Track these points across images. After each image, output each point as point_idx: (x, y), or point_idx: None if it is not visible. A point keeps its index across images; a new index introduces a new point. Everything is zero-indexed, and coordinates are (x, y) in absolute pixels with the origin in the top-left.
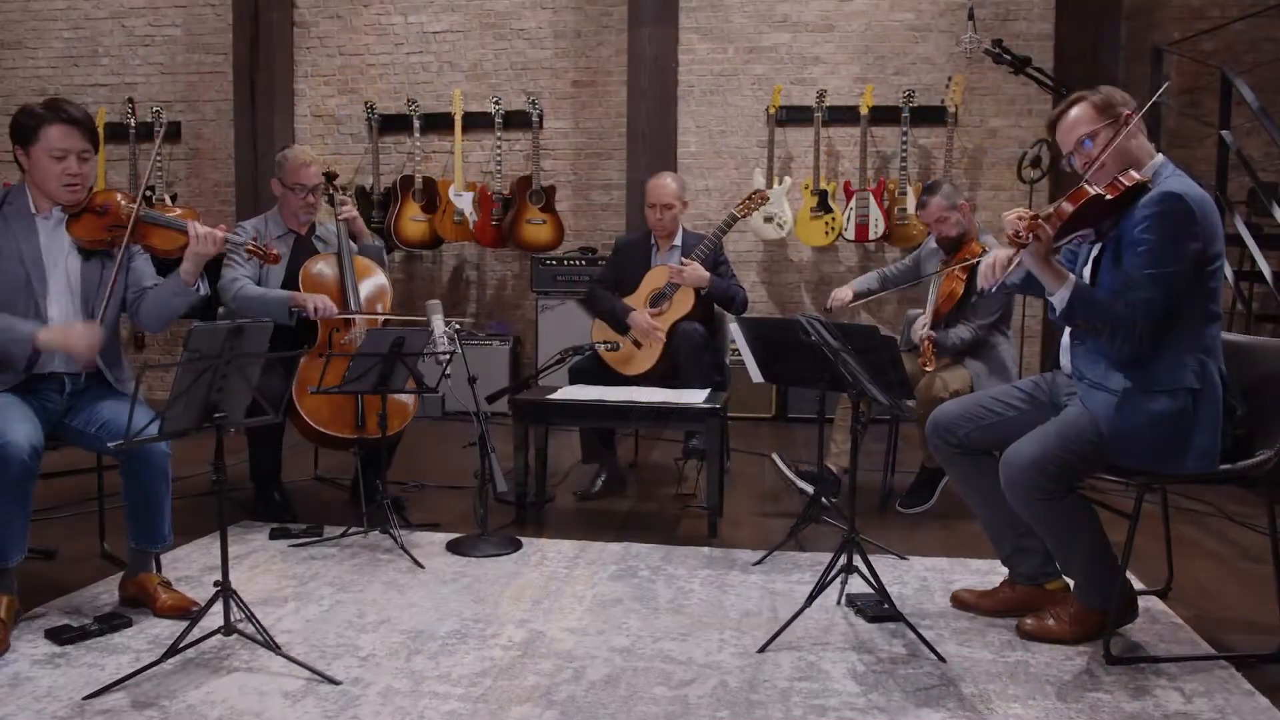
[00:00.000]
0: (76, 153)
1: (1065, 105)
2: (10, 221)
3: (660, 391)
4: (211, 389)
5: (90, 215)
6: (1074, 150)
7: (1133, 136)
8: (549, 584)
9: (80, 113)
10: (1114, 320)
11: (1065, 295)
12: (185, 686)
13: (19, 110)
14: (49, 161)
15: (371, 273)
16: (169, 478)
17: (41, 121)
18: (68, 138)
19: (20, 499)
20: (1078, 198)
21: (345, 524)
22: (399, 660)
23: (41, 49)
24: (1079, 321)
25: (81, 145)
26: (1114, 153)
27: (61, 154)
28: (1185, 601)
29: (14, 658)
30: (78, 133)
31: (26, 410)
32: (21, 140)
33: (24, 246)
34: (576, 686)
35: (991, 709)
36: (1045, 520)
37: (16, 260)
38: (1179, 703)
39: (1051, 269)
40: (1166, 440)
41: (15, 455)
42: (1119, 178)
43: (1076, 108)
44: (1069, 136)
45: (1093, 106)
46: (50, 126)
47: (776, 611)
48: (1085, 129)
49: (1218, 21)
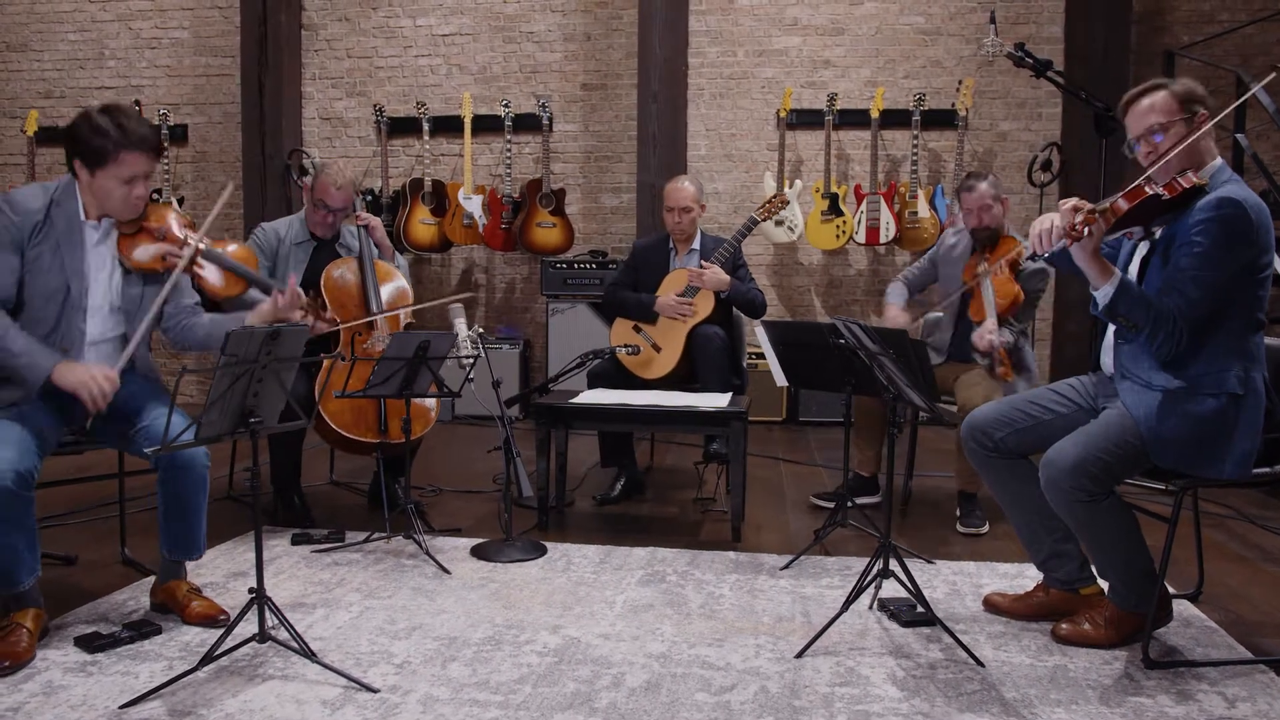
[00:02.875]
0: (145, 176)
1: (1146, 88)
2: (56, 225)
3: (683, 395)
4: (247, 393)
5: (145, 236)
6: (1141, 137)
7: (1205, 136)
8: (578, 589)
9: (152, 131)
10: (1156, 318)
11: (1110, 290)
12: (222, 695)
13: (84, 124)
14: (116, 184)
15: (393, 276)
16: (207, 487)
17: (119, 148)
18: (142, 163)
19: (16, 525)
20: (1135, 196)
21: (363, 528)
22: (435, 667)
23: (47, 51)
24: (1120, 317)
25: (151, 168)
26: (1183, 151)
27: (132, 178)
28: (1215, 605)
29: (45, 665)
30: (150, 156)
31: (15, 433)
32: (90, 161)
33: (67, 256)
34: (617, 693)
35: (1035, 714)
36: (1085, 522)
37: (58, 269)
38: (1223, 707)
39: (1099, 263)
40: (1207, 444)
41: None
42: (1178, 178)
43: (1158, 94)
44: (1141, 122)
45: (1174, 97)
46: (128, 153)
47: (809, 616)
48: (1160, 119)
49: (1226, 25)
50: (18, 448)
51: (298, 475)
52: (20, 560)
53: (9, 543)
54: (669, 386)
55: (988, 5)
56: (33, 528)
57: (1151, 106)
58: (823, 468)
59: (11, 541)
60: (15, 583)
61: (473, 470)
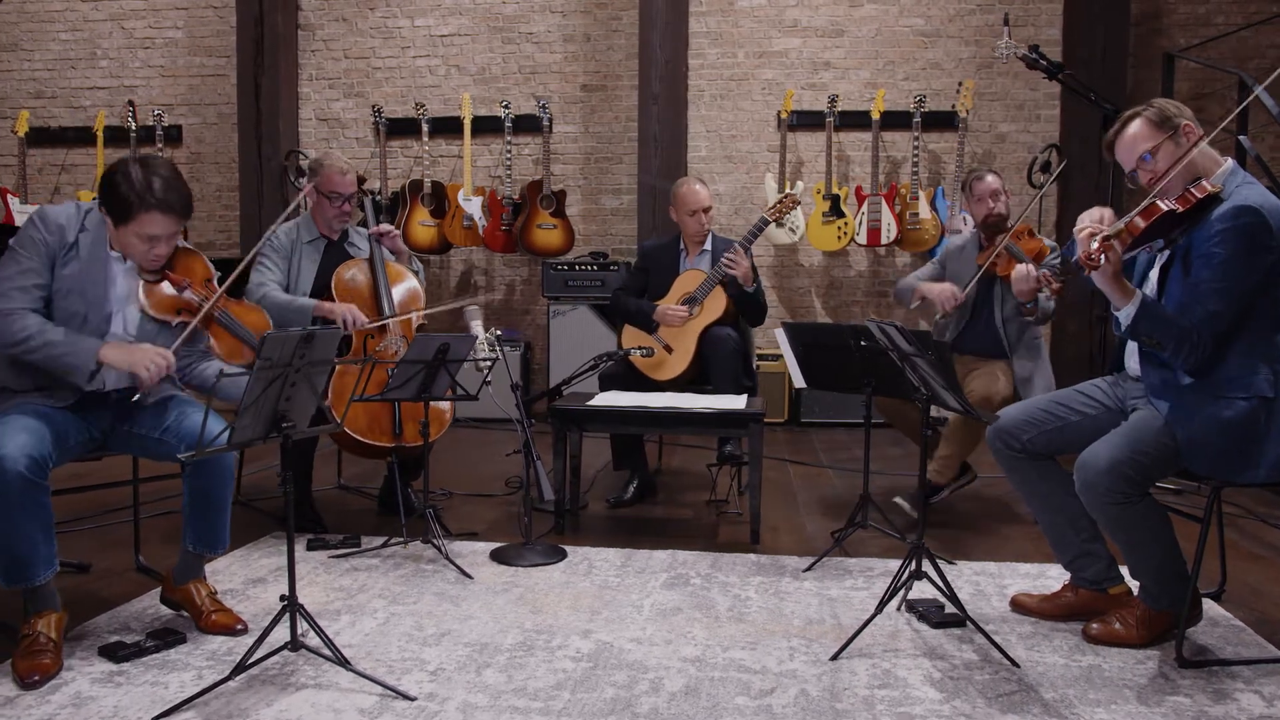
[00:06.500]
0: (167, 238)
1: (1120, 125)
2: (83, 251)
3: (699, 397)
4: (280, 397)
5: (167, 285)
6: (1137, 167)
7: (1200, 145)
8: (603, 593)
9: (181, 195)
10: (1179, 335)
11: (1131, 311)
12: (256, 704)
13: (118, 175)
14: (137, 241)
15: (404, 277)
16: (233, 480)
17: (144, 207)
18: (165, 225)
19: (32, 512)
20: (1150, 214)
21: (375, 533)
22: (470, 674)
23: (38, 51)
24: (1143, 337)
25: (174, 230)
26: (1182, 166)
27: (153, 238)
28: (1239, 603)
29: (71, 676)
30: (175, 220)
31: (31, 422)
32: (114, 213)
33: (89, 284)
34: (657, 698)
35: (1076, 714)
36: (1121, 524)
37: (78, 295)
38: (1261, 706)
39: (1120, 286)
40: (1238, 447)
41: (11, 469)
42: (1190, 189)
43: (1132, 125)
44: (1129, 155)
45: (1148, 122)
46: (150, 214)
47: (839, 618)
48: (1145, 145)
49: (1223, 28)
50: (32, 435)
51: (309, 481)
52: (36, 551)
53: (25, 531)
54: (680, 388)
55: (987, 8)
56: (49, 520)
57: (1134, 137)
58: (830, 469)
59: (28, 531)
60: (31, 576)
61: (481, 473)
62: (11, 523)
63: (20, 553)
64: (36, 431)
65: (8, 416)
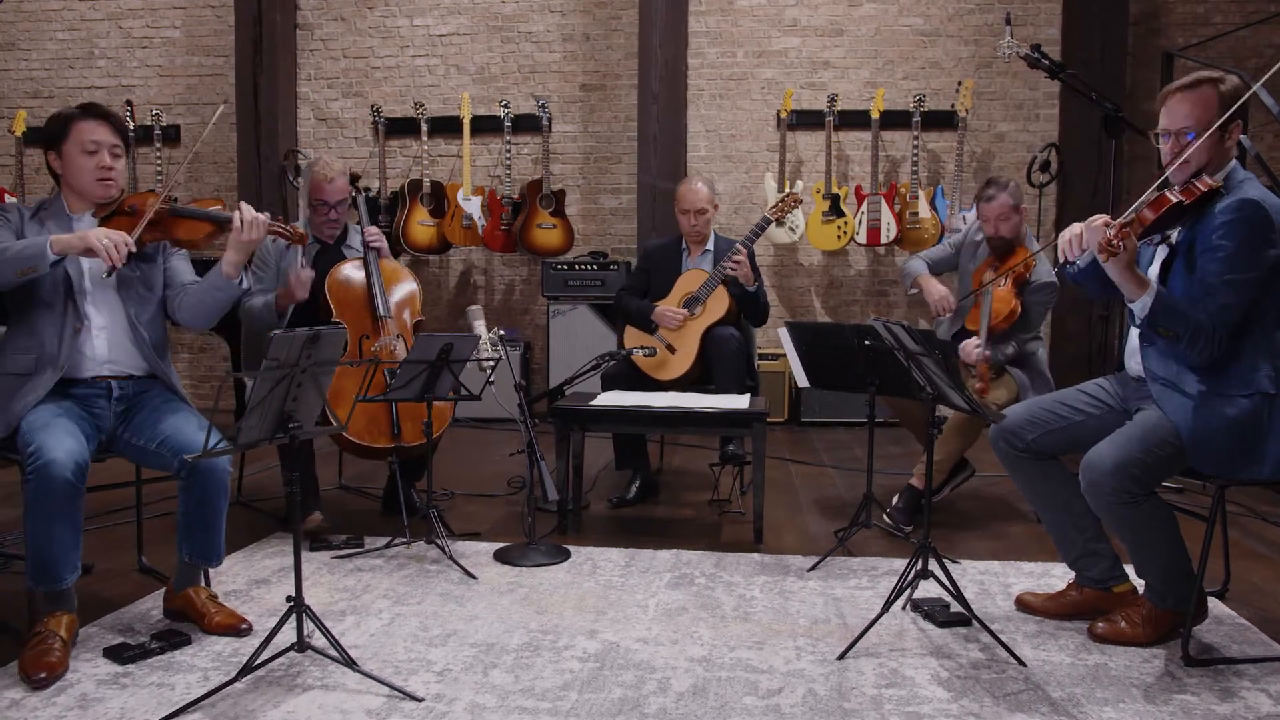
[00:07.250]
0: (108, 147)
1: (1192, 81)
2: (46, 224)
3: (703, 397)
4: (287, 398)
5: (121, 218)
6: (1174, 133)
7: (1230, 140)
8: (608, 593)
9: (109, 110)
10: (1195, 327)
11: (1147, 302)
12: (263, 706)
13: (50, 117)
14: (82, 157)
15: (401, 278)
16: (228, 492)
17: (72, 119)
18: (98, 130)
19: (69, 518)
20: (1159, 205)
21: (378, 533)
22: (477, 674)
23: (35, 50)
24: (1160, 329)
25: (112, 140)
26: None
27: (94, 147)
28: (1242, 601)
29: (76, 678)
30: (108, 127)
31: (71, 426)
32: (54, 141)
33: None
34: (665, 698)
35: (1084, 713)
36: (1127, 524)
37: None
38: (1269, 705)
39: (1134, 276)
40: (1242, 445)
41: (59, 474)
42: (1195, 183)
43: (1203, 90)
44: (1177, 112)
45: (1220, 97)
46: (81, 121)
47: (844, 618)
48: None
49: (1221, 27)
50: (77, 439)
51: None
52: (66, 555)
53: (59, 535)
54: (682, 387)
55: (986, 7)
56: (80, 523)
57: (1197, 100)
58: (832, 469)
59: (61, 535)
60: (59, 579)
61: (481, 473)
62: (49, 526)
63: (52, 555)
64: (77, 435)
65: (46, 419)
